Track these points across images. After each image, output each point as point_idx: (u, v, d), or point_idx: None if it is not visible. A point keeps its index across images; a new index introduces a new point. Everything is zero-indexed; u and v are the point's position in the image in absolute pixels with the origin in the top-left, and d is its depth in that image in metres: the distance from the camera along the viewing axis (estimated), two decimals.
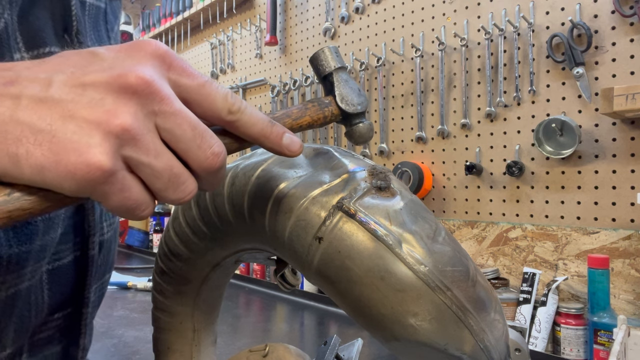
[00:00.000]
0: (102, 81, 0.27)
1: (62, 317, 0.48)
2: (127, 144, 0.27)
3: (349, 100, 0.40)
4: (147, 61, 0.29)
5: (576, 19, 1.17)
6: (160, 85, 0.28)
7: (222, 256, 0.51)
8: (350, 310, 0.38)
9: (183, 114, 0.29)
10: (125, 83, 0.27)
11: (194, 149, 0.29)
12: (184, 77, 0.30)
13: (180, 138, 0.29)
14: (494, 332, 0.38)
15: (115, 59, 0.29)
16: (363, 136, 0.41)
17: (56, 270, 0.45)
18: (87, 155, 0.26)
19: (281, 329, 1.33)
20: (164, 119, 0.28)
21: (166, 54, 0.30)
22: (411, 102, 1.54)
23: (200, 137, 0.29)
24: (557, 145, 1.19)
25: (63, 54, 0.30)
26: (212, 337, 0.61)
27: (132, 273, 1.98)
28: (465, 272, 0.37)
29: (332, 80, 0.41)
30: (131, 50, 0.30)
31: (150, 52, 0.30)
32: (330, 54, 0.41)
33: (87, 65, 0.28)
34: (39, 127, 0.26)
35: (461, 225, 1.41)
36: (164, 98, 0.28)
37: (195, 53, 2.58)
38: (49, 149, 0.26)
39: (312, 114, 0.39)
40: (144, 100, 0.28)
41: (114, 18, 0.52)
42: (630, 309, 1.07)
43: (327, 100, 0.40)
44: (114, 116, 0.27)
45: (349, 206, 0.37)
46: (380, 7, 1.63)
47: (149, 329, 0.61)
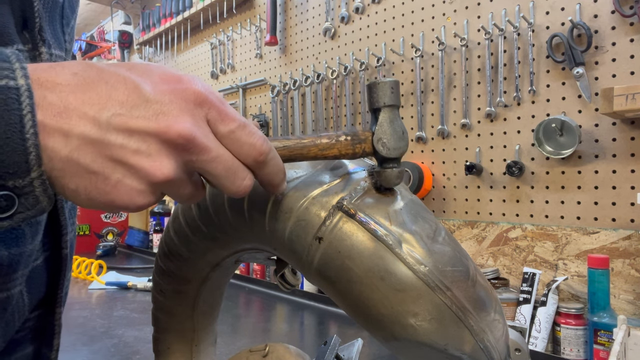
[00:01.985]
0: (148, 131, 0.31)
1: (34, 318, 0.47)
2: (167, 188, 0.33)
3: (386, 143, 0.39)
4: (188, 109, 0.32)
5: (576, 19, 1.17)
6: (200, 137, 0.32)
7: (222, 256, 0.50)
8: (350, 310, 0.38)
9: (218, 159, 0.33)
10: (169, 138, 0.31)
11: (227, 185, 0.34)
12: (219, 122, 0.33)
13: (214, 178, 0.34)
14: (494, 332, 0.38)
15: (159, 104, 0.31)
16: (389, 181, 0.39)
17: (32, 272, 0.45)
18: (137, 200, 0.31)
19: (281, 329, 1.33)
20: (201, 164, 0.33)
21: (205, 99, 0.33)
22: (411, 102, 1.54)
23: (234, 175, 0.34)
24: (557, 145, 1.19)
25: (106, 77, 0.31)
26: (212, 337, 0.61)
27: (132, 273, 1.98)
28: (465, 272, 0.37)
29: (377, 116, 0.39)
30: (174, 94, 0.32)
31: (192, 100, 0.33)
32: (386, 89, 0.39)
33: (133, 106, 0.31)
34: (93, 169, 0.30)
35: (461, 225, 1.41)
36: (203, 149, 0.32)
37: (195, 53, 2.58)
38: (103, 190, 0.31)
39: (342, 147, 0.39)
40: (184, 152, 0.32)
41: (71, 12, 0.51)
42: (630, 309, 1.07)
43: (364, 137, 0.39)
44: (159, 169, 0.31)
45: (349, 206, 0.37)
46: (380, 7, 1.63)
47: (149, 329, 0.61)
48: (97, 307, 1.50)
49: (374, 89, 0.39)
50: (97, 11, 3.33)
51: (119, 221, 2.68)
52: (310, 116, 1.84)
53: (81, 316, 1.39)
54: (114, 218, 2.67)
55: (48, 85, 0.29)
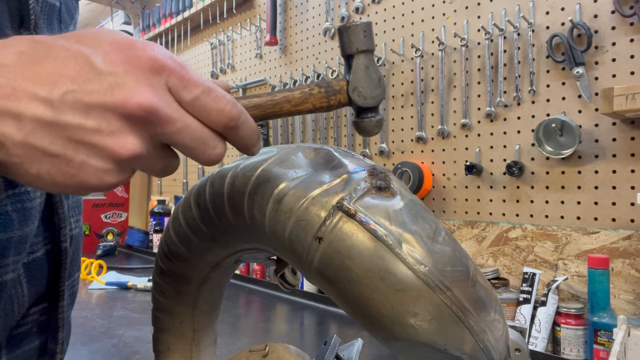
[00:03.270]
0: (105, 105, 0.29)
1: (38, 312, 0.48)
2: (136, 163, 0.31)
3: (362, 92, 0.37)
4: (146, 79, 0.30)
5: (576, 19, 1.17)
6: (161, 107, 0.30)
7: (222, 256, 0.51)
8: (350, 311, 0.38)
9: (185, 129, 0.31)
10: (129, 110, 0.29)
11: (198, 155, 0.33)
12: (181, 89, 0.31)
13: (183, 148, 0.32)
14: (494, 332, 0.38)
15: (113, 75, 0.29)
16: (367, 131, 0.38)
17: (32, 263, 0.45)
18: (106, 179, 0.30)
19: (281, 329, 1.33)
20: (167, 136, 0.31)
21: (163, 65, 0.31)
22: (411, 102, 1.54)
23: (204, 144, 0.32)
24: (557, 145, 1.19)
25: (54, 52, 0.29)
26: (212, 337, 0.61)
27: (132, 273, 1.98)
28: (465, 272, 0.37)
29: (351, 63, 0.37)
30: (128, 64, 0.30)
31: (148, 67, 0.30)
32: (359, 33, 0.36)
33: (85, 80, 0.29)
34: (52, 151, 0.28)
35: (461, 225, 1.41)
36: (167, 120, 0.30)
37: (195, 53, 2.58)
38: (68, 172, 0.29)
39: (316, 101, 0.37)
40: (148, 126, 0.30)
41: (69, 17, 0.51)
42: (630, 309, 1.07)
43: (338, 88, 0.37)
44: (122, 146, 0.29)
45: (349, 206, 0.37)
46: (380, 7, 1.63)
47: (149, 329, 0.61)
48: (97, 307, 1.50)
49: (345, 34, 0.37)
50: (97, 11, 3.33)
51: (119, 221, 2.68)
52: (310, 116, 1.84)
53: (81, 316, 1.39)
54: (114, 218, 2.67)
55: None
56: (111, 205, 2.66)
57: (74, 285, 0.55)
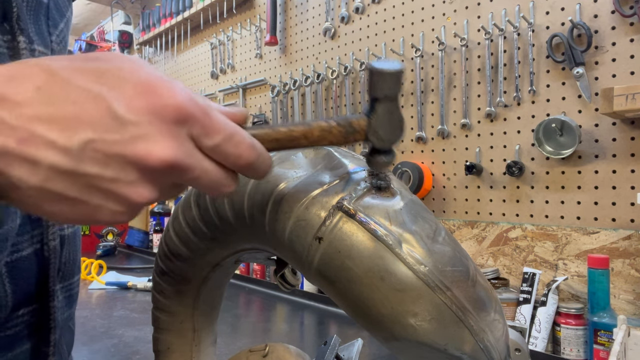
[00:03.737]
0: (126, 157, 0.29)
1: (28, 313, 0.47)
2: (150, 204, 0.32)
3: (381, 135, 0.37)
4: (169, 131, 0.29)
5: (576, 19, 1.17)
6: (182, 160, 0.30)
7: (222, 256, 0.50)
8: (350, 310, 0.38)
9: (203, 175, 0.32)
10: (150, 165, 0.29)
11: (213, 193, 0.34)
12: (203, 137, 0.31)
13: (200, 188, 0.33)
14: (494, 332, 0.38)
15: (136, 126, 0.29)
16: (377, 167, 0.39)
17: (15, 263, 0.44)
18: (119, 219, 0.31)
19: (281, 329, 1.33)
20: (185, 181, 0.32)
21: (188, 116, 0.30)
22: (411, 102, 1.54)
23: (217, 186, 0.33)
24: (557, 145, 1.19)
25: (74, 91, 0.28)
26: (212, 337, 0.61)
27: (132, 273, 1.98)
28: (465, 272, 0.37)
29: (374, 107, 0.37)
30: (152, 114, 0.29)
31: (172, 119, 0.29)
32: (388, 79, 0.36)
33: (106, 129, 0.28)
34: (68, 196, 0.29)
35: (461, 225, 1.41)
36: (185, 171, 0.31)
37: (195, 53, 2.58)
38: (84, 214, 0.30)
39: (334, 139, 0.37)
40: (166, 176, 0.31)
41: (59, 15, 0.50)
42: (630, 309, 1.07)
43: (358, 127, 0.37)
44: (140, 195, 0.30)
45: (349, 206, 0.37)
46: (380, 7, 1.63)
47: (149, 329, 0.61)
48: (97, 307, 1.50)
49: (375, 77, 0.36)
50: (97, 11, 3.33)
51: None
52: (310, 116, 1.84)
53: (81, 316, 1.39)
54: None
55: (7, 104, 0.26)
56: None
57: (72, 287, 0.54)
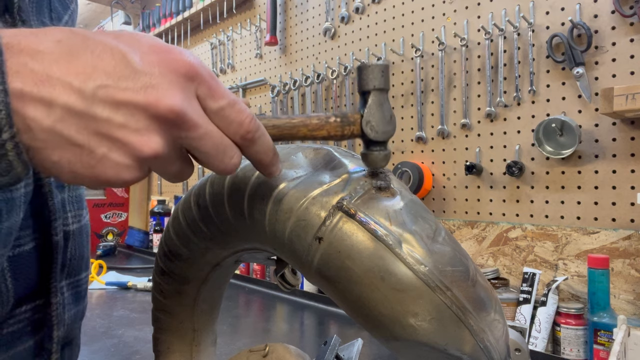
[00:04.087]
0: (136, 104, 0.30)
1: (31, 309, 0.46)
2: (154, 163, 0.32)
3: (375, 126, 0.39)
4: (179, 83, 0.31)
5: (576, 19, 1.17)
6: (189, 113, 0.31)
7: (222, 256, 0.51)
8: (350, 310, 0.38)
9: (207, 136, 0.32)
10: (158, 112, 0.30)
11: (215, 163, 0.34)
12: (208, 98, 0.33)
13: (203, 155, 0.33)
14: (494, 332, 0.38)
15: (148, 77, 0.30)
16: (374, 164, 0.40)
17: (17, 257, 0.43)
18: (123, 175, 0.31)
19: (281, 329, 1.33)
20: (190, 141, 0.32)
21: (197, 73, 0.32)
22: (411, 102, 1.54)
23: (222, 153, 0.33)
24: (557, 145, 1.19)
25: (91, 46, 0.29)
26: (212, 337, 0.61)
27: (132, 273, 1.98)
28: (465, 272, 0.37)
29: (366, 99, 0.39)
30: (165, 66, 0.31)
31: (183, 72, 0.31)
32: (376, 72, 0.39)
33: (120, 77, 0.29)
34: (77, 141, 0.29)
35: (461, 225, 1.41)
36: (192, 126, 0.31)
37: (195, 53, 2.58)
38: (88, 163, 0.30)
39: (331, 129, 0.39)
40: (173, 128, 0.31)
41: (63, 8, 0.50)
42: (630, 309, 1.07)
43: (353, 120, 0.39)
44: (146, 144, 0.30)
45: (349, 206, 0.37)
46: (380, 7, 1.63)
47: (149, 329, 0.61)
48: (97, 307, 1.50)
49: (364, 72, 0.39)
50: (97, 11, 3.33)
51: (119, 221, 2.69)
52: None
53: None
54: (114, 218, 2.67)
55: (29, 52, 0.28)
56: (111, 205, 2.66)
57: (80, 284, 0.54)
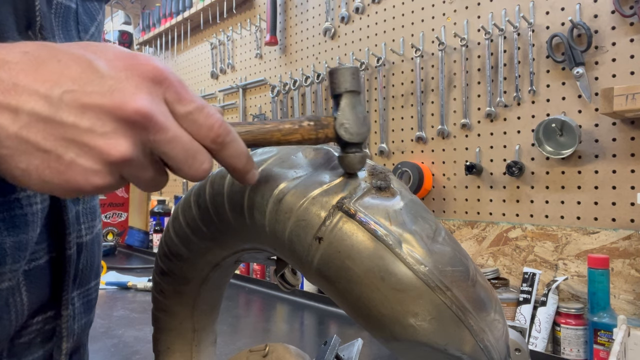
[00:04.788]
0: (103, 107, 0.29)
1: (42, 321, 0.47)
2: (124, 168, 0.31)
3: (349, 128, 0.39)
4: (146, 86, 0.31)
5: (576, 19, 1.17)
6: (157, 115, 0.31)
7: (222, 256, 0.50)
8: (350, 311, 0.38)
9: (176, 140, 0.32)
10: (125, 114, 0.30)
11: (185, 168, 0.33)
12: (176, 102, 0.33)
13: (173, 160, 0.32)
14: (494, 332, 0.38)
15: (115, 80, 0.30)
16: (352, 166, 0.40)
17: (32, 271, 0.44)
18: (93, 179, 0.30)
19: (281, 329, 1.33)
20: (159, 145, 0.32)
21: (164, 78, 0.32)
22: (411, 102, 1.54)
23: (192, 158, 0.33)
24: (557, 145, 1.19)
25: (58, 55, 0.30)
26: (212, 337, 0.61)
27: (132, 273, 1.98)
28: (465, 272, 0.37)
29: (339, 102, 0.40)
30: (131, 70, 0.31)
31: (150, 77, 0.31)
32: (347, 75, 0.39)
33: (86, 82, 0.30)
34: (44, 147, 0.29)
35: (461, 225, 1.41)
36: (160, 128, 0.31)
37: (195, 53, 2.58)
38: (56, 169, 0.29)
39: (305, 132, 0.39)
40: (141, 131, 0.31)
41: (90, 20, 0.51)
42: (630, 309, 1.07)
43: (326, 123, 0.39)
44: (114, 147, 0.30)
45: (349, 206, 0.37)
46: (380, 7, 1.63)
47: (149, 329, 0.61)
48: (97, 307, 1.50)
49: (334, 75, 0.39)
50: None
51: (119, 221, 2.68)
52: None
53: None
54: (114, 218, 2.67)
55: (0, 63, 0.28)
56: (111, 205, 2.66)
57: (90, 293, 0.54)
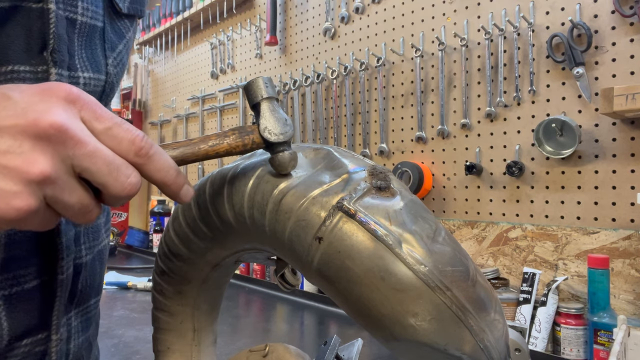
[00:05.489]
0: (18, 127, 0.29)
1: (31, 344, 0.45)
2: (46, 187, 0.30)
3: (272, 130, 0.41)
4: (60, 105, 0.31)
5: (576, 19, 1.17)
6: (73, 128, 0.31)
7: (222, 256, 0.50)
8: (351, 311, 0.38)
9: (97, 154, 0.31)
10: (40, 129, 0.29)
11: (111, 182, 0.32)
12: (93, 120, 0.32)
13: (96, 174, 0.32)
14: (494, 332, 0.38)
15: (28, 103, 0.30)
16: (283, 165, 0.41)
17: (15, 296, 0.43)
18: (14, 202, 0.29)
19: (281, 329, 1.33)
20: (79, 160, 0.31)
21: (78, 97, 0.32)
22: (411, 102, 1.54)
23: (117, 171, 0.32)
24: (557, 145, 1.19)
25: None
26: (212, 337, 0.61)
27: (132, 273, 1.98)
28: (465, 272, 0.37)
29: (259, 109, 0.42)
30: (44, 94, 0.31)
31: (62, 96, 0.31)
32: (261, 84, 0.42)
33: (1, 110, 0.30)
34: None
35: (461, 225, 1.41)
36: (78, 142, 0.31)
37: (195, 53, 2.58)
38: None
39: (231, 142, 0.40)
40: (59, 146, 0.30)
41: (118, 38, 0.51)
42: (630, 309, 1.07)
43: (250, 130, 0.41)
44: (32, 164, 0.29)
45: (349, 206, 0.37)
46: (380, 7, 1.63)
47: (149, 329, 0.61)
48: None
49: (250, 87, 0.42)
50: None
51: (119, 221, 2.68)
52: (310, 116, 1.84)
53: None
54: (114, 218, 2.67)
55: None
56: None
57: (89, 310, 0.53)
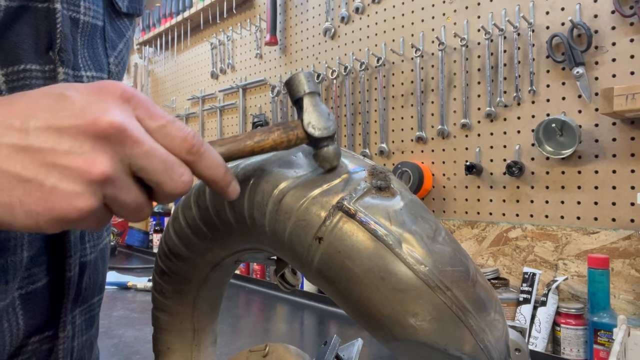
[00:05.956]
0: (77, 127, 0.30)
1: (39, 341, 0.46)
2: (106, 186, 0.31)
3: (316, 125, 0.41)
4: (116, 104, 0.32)
5: (576, 19, 1.17)
6: (131, 128, 0.31)
7: (222, 256, 0.50)
8: (351, 311, 0.38)
9: (153, 153, 0.32)
10: (99, 130, 0.30)
11: (166, 181, 0.33)
12: (148, 118, 0.33)
13: (152, 173, 0.32)
14: (494, 332, 0.38)
15: (86, 103, 0.31)
16: (328, 160, 0.41)
17: (31, 295, 0.44)
18: (76, 202, 0.30)
19: (281, 329, 1.33)
20: (137, 159, 0.32)
21: (132, 96, 0.33)
22: (411, 102, 1.54)
23: (171, 169, 0.33)
24: (557, 145, 1.19)
25: (29, 94, 0.31)
26: (212, 337, 0.61)
27: (132, 273, 1.98)
28: (465, 272, 0.37)
29: (301, 104, 0.41)
30: (100, 93, 0.32)
31: (118, 95, 0.32)
32: (303, 79, 0.41)
33: (58, 110, 0.30)
34: (25, 176, 0.29)
35: (461, 225, 1.41)
36: (136, 141, 0.31)
37: (195, 53, 2.58)
38: (40, 198, 0.29)
39: (276, 137, 0.40)
40: (118, 145, 0.31)
41: (118, 37, 0.51)
42: (630, 309, 1.07)
43: (294, 125, 0.41)
44: (93, 165, 0.30)
45: (349, 206, 0.37)
46: (380, 7, 1.63)
47: (149, 329, 0.61)
48: None
49: (292, 83, 0.42)
50: None
51: (119, 221, 2.68)
52: None
53: None
54: (114, 218, 2.67)
55: None
56: None
57: (92, 308, 0.54)
